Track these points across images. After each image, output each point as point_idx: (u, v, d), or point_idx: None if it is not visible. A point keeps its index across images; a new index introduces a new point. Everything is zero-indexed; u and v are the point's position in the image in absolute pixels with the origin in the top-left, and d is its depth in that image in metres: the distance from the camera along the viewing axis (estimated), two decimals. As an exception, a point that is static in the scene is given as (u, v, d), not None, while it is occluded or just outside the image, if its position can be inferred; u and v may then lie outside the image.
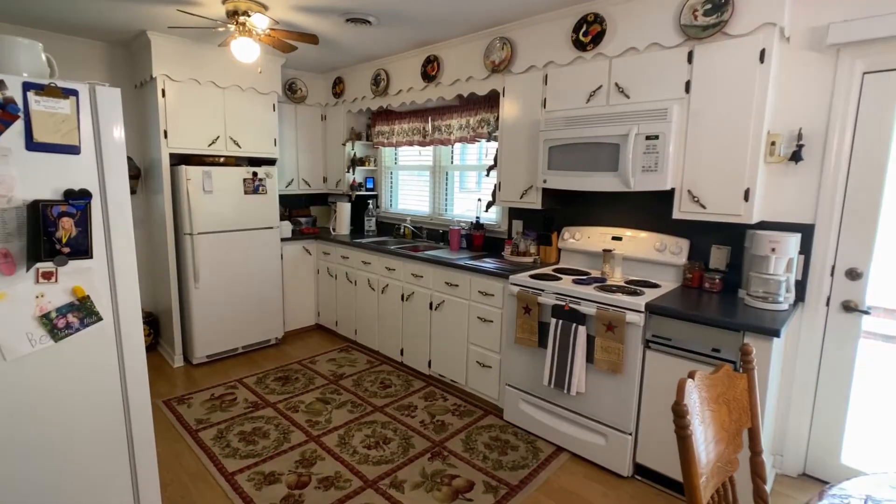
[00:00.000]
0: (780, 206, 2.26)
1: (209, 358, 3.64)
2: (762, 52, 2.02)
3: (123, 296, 1.64)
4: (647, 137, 2.31)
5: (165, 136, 3.33)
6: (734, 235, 2.44)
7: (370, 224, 4.40)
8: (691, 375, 1.09)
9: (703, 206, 2.25)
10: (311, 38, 2.82)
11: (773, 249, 2.06)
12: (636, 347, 2.21)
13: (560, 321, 2.41)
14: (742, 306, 2.15)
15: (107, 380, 1.62)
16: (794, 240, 2.08)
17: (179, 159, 3.56)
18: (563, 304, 2.40)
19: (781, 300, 2.10)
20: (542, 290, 2.53)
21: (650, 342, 2.19)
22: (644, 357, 2.22)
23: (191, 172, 3.36)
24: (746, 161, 2.10)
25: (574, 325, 2.35)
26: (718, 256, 2.50)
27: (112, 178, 1.58)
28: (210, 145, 3.57)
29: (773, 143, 2.17)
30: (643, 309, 2.18)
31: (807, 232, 2.20)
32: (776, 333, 1.81)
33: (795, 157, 2.17)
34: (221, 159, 3.66)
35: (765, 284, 2.17)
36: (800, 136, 2.17)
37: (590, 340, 2.35)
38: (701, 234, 2.56)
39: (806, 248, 2.21)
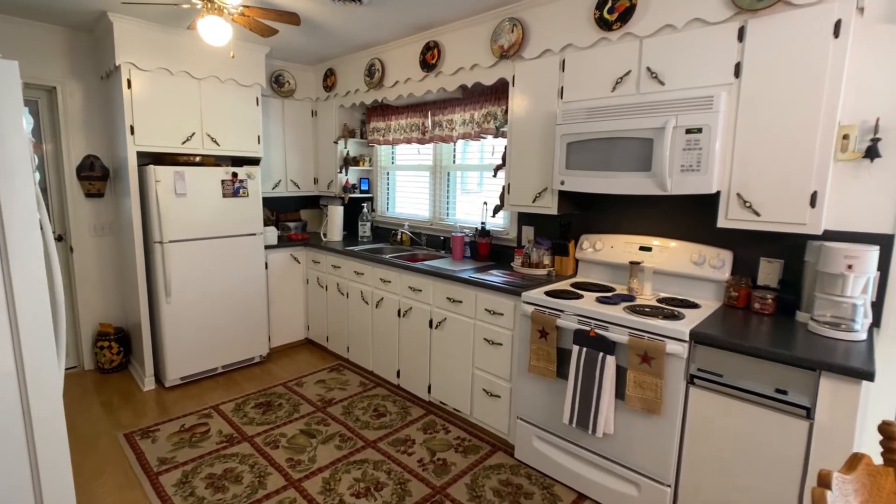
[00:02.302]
0: (850, 213, 1.89)
1: (184, 380, 3.27)
2: (837, 25, 1.64)
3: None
4: (688, 131, 1.94)
5: (132, 133, 2.96)
6: (789, 246, 2.06)
7: (365, 229, 4.03)
8: (826, 482, 0.71)
9: (757, 213, 1.87)
10: (292, 18, 2.45)
11: (850, 267, 1.68)
12: (677, 383, 1.83)
13: (584, 349, 2.03)
14: (806, 334, 1.77)
15: None
16: (875, 254, 1.70)
17: (151, 159, 3.19)
18: (588, 328, 2.03)
19: (858, 328, 1.72)
20: (562, 311, 2.15)
21: (695, 377, 1.82)
22: (687, 394, 1.84)
23: (160, 173, 2.98)
24: (814, 158, 1.72)
25: (601, 354, 1.98)
26: (769, 271, 2.12)
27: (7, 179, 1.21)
28: (184, 143, 3.20)
29: (845, 137, 1.80)
30: (687, 337, 1.80)
31: (884, 244, 1.83)
32: (868, 376, 1.43)
33: (871, 153, 1.79)
34: (198, 159, 3.29)
35: (835, 308, 1.79)
36: (876, 129, 1.79)
37: (619, 372, 1.98)
38: (745, 245, 2.18)
39: (883, 264, 1.83)
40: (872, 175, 1.83)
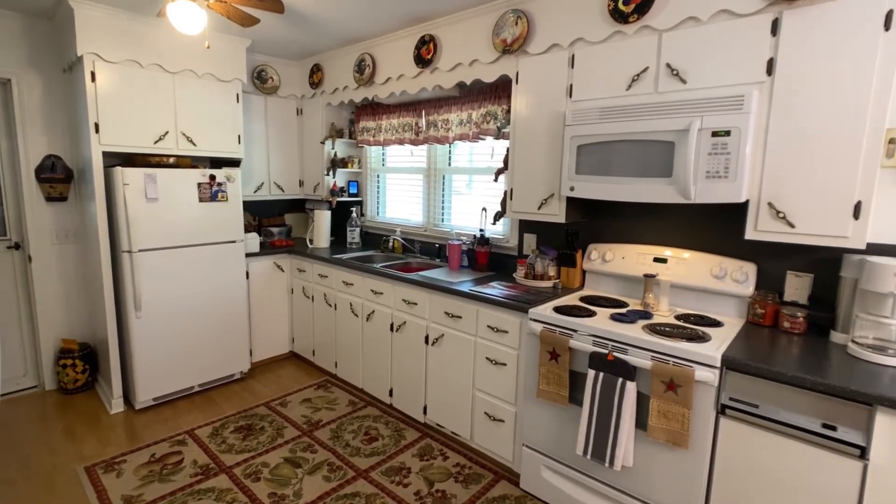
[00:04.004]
0: (891, 225, 1.73)
1: (156, 401, 3.00)
2: (889, 16, 1.47)
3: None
4: (714, 134, 1.76)
5: (97, 131, 2.69)
6: (819, 259, 1.90)
7: (353, 235, 3.79)
8: None
9: (791, 225, 1.70)
10: (275, 5, 2.21)
11: (900, 285, 1.51)
12: (707, 413, 1.65)
13: (601, 374, 1.84)
14: (847, 359, 1.60)
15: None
16: (926, 272, 1.54)
17: (121, 160, 2.92)
18: (606, 351, 1.83)
19: (906, 353, 1.56)
20: (575, 331, 1.96)
21: (727, 407, 1.63)
22: (717, 426, 1.66)
23: (129, 175, 2.71)
24: (859, 166, 1.56)
25: (620, 380, 1.78)
26: (798, 286, 1.96)
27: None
28: (157, 143, 2.93)
29: (891, 142, 1.63)
30: (719, 363, 1.62)
31: (930, 259, 1.67)
32: (937, 415, 1.27)
33: (916, 159, 1.63)
34: (172, 160, 3.02)
35: (878, 329, 1.63)
36: (921, 133, 1.63)
37: (640, 399, 1.79)
38: (770, 257, 2.02)
39: (929, 281, 1.67)
40: (917, 183, 1.67)
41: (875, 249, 1.74)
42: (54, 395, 3.11)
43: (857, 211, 1.58)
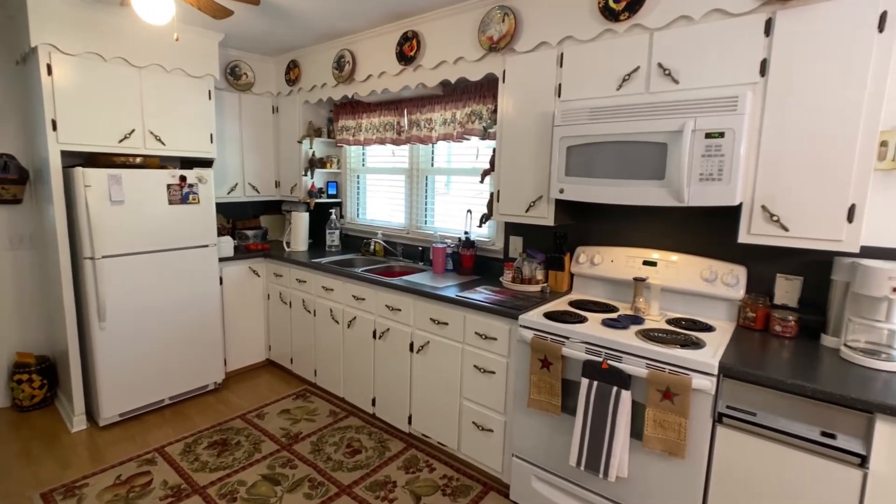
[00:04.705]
0: (884, 227, 1.72)
1: (123, 416, 2.81)
2: (882, 17, 1.46)
3: None
4: (708, 135, 1.72)
5: (54, 129, 2.50)
6: (809, 262, 1.89)
7: (333, 238, 3.66)
8: None
9: (785, 228, 1.68)
10: (249, -4, 2.08)
11: (895, 289, 1.50)
12: (703, 422, 1.61)
13: (595, 382, 1.78)
14: (840, 363, 1.59)
15: None
16: (919, 276, 1.53)
17: (83, 160, 2.73)
18: (600, 359, 1.78)
19: (899, 357, 1.55)
20: (567, 338, 1.90)
21: (724, 415, 1.60)
22: (713, 435, 1.62)
23: (91, 176, 2.53)
24: (853, 168, 1.54)
25: (615, 388, 1.73)
26: (787, 290, 1.94)
27: None
28: (122, 141, 2.75)
29: (882, 144, 1.63)
30: (716, 371, 1.58)
31: (919, 262, 1.67)
32: (939, 423, 1.25)
33: (905, 162, 1.63)
34: (138, 160, 2.84)
35: (870, 333, 1.62)
36: (910, 136, 1.63)
37: (636, 408, 1.74)
38: (760, 260, 2.00)
39: (919, 284, 1.67)
40: (906, 186, 1.67)
41: (865, 252, 1.73)
42: (8, 413, 2.89)
43: (850, 214, 1.56)
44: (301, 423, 2.82)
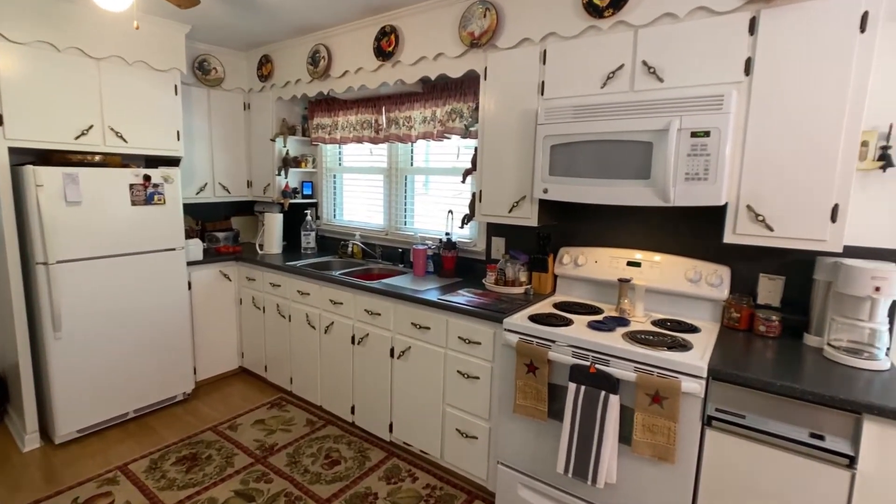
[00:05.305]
0: (863, 227, 1.74)
1: (81, 433, 2.63)
2: (864, 18, 1.46)
3: None
4: (694, 134, 1.70)
5: (1, 123, 2.31)
6: (792, 262, 1.90)
7: (309, 240, 3.53)
8: None
9: (770, 228, 1.67)
10: (216, -16, 1.96)
11: (878, 289, 1.51)
12: (693, 425, 1.59)
13: (582, 387, 1.73)
14: (824, 363, 1.59)
15: None
16: (900, 274, 1.54)
17: (35, 157, 2.54)
18: (588, 364, 1.73)
19: (882, 356, 1.56)
20: (553, 342, 1.85)
21: (713, 419, 1.57)
22: (703, 438, 1.59)
23: (43, 175, 2.35)
24: (836, 168, 1.54)
25: (603, 393, 1.69)
26: (770, 289, 1.95)
27: None
28: (78, 138, 2.58)
29: (863, 144, 1.64)
30: (705, 374, 1.55)
31: (898, 261, 1.69)
32: (926, 422, 1.24)
33: (884, 161, 1.64)
34: (97, 158, 2.67)
35: (852, 332, 1.62)
36: (889, 136, 1.65)
37: (624, 413, 1.70)
38: (743, 260, 2.00)
39: (898, 283, 1.69)
40: (887, 185, 1.68)
41: (845, 252, 1.74)
42: (-47, 431, 2.67)
43: (834, 214, 1.56)
44: (276, 434, 2.70)
